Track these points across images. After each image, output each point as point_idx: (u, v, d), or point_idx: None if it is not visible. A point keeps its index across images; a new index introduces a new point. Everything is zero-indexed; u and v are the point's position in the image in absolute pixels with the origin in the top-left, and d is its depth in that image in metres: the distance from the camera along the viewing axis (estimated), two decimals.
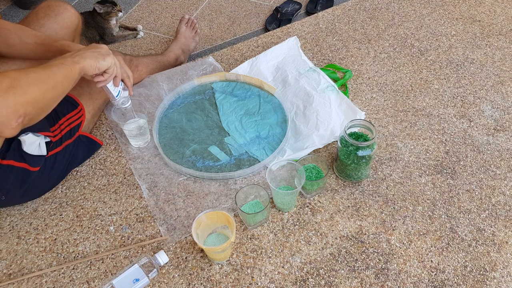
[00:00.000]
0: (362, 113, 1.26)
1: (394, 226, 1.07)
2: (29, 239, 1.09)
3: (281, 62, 1.47)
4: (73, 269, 1.02)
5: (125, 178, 1.21)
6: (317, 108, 1.28)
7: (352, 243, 1.04)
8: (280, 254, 1.02)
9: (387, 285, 0.96)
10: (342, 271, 0.99)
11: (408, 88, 1.41)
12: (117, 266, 1.02)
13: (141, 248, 1.05)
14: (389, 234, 1.05)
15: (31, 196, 1.15)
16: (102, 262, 1.03)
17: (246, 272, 1.00)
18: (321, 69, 1.42)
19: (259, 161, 1.20)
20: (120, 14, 1.80)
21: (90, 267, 1.03)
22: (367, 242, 1.04)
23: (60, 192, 1.18)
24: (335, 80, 1.40)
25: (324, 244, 1.04)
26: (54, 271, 1.02)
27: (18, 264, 1.04)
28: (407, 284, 0.96)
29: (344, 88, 1.41)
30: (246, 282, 0.98)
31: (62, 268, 1.03)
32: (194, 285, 0.98)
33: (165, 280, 0.99)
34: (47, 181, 1.16)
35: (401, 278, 0.97)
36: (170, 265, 1.02)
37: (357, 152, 1.06)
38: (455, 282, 0.97)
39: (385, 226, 1.07)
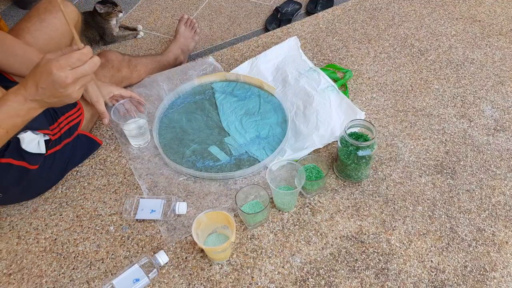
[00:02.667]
0: (362, 113, 1.26)
1: (394, 226, 1.07)
2: (29, 239, 1.09)
3: (281, 62, 1.47)
4: (73, 269, 1.02)
5: (125, 178, 1.21)
6: (317, 108, 1.28)
7: (352, 243, 1.04)
8: (280, 254, 1.02)
9: (387, 285, 0.96)
10: (342, 271, 0.99)
11: (408, 88, 1.41)
12: (117, 266, 1.02)
13: (141, 248, 1.05)
14: (389, 234, 1.05)
15: (30, 195, 1.15)
16: (102, 262, 1.03)
17: (246, 272, 1.00)
18: (321, 69, 1.42)
19: (259, 161, 1.20)
20: (121, 15, 1.80)
21: (90, 267, 1.03)
22: (367, 242, 1.04)
23: (60, 192, 1.18)
24: (335, 80, 1.40)
25: (324, 244, 1.04)
26: (54, 271, 1.02)
27: (18, 264, 1.04)
28: (407, 284, 0.96)
29: (344, 88, 1.41)
30: (246, 282, 0.98)
31: (62, 268, 1.03)
32: (194, 285, 0.98)
33: (165, 280, 0.99)
34: (46, 180, 1.16)
35: (401, 278, 0.97)
36: (170, 265, 1.02)
37: (357, 152, 1.06)
38: (455, 282, 0.97)
39: (385, 226, 1.07)
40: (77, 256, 1.05)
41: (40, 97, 0.80)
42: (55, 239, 1.09)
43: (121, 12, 1.80)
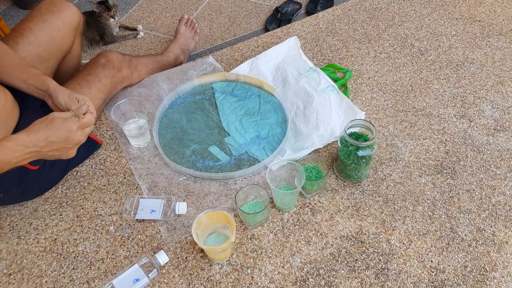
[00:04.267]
0: (362, 113, 1.26)
1: (394, 226, 1.07)
2: (29, 239, 1.09)
3: (281, 62, 1.47)
4: (73, 269, 1.02)
5: (125, 178, 1.21)
6: (317, 108, 1.28)
7: (352, 243, 1.04)
8: (280, 254, 1.02)
9: (387, 285, 0.96)
10: (342, 271, 0.99)
11: (408, 88, 1.41)
12: (117, 266, 1.02)
13: (141, 248, 1.05)
14: (389, 234, 1.05)
15: (30, 195, 1.15)
16: (102, 262, 1.03)
17: (246, 272, 1.00)
18: (321, 69, 1.42)
19: (259, 161, 1.20)
20: (112, 20, 1.78)
21: (90, 267, 1.03)
22: (367, 242, 1.04)
23: (60, 192, 1.18)
24: (335, 80, 1.40)
25: (324, 244, 1.04)
26: (54, 271, 1.02)
27: (18, 264, 1.04)
28: (407, 284, 0.96)
29: (344, 88, 1.41)
30: (246, 282, 0.98)
31: (62, 268, 1.03)
32: (194, 285, 0.98)
33: (165, 280, 0.99)
34: (46, 180, 1.16)
35: (401, 278, 0.97)
36: (170, 265, 1.02)
37: (357, 152, 1.06)
38: (455, 282, 0.97)
39: (385, 226, 1.07)
40: (77, 256, 1.05)
41: (43, 149, 0.85)
42: (55, 239, 1.09)
43: (113, 18, 1.78)
